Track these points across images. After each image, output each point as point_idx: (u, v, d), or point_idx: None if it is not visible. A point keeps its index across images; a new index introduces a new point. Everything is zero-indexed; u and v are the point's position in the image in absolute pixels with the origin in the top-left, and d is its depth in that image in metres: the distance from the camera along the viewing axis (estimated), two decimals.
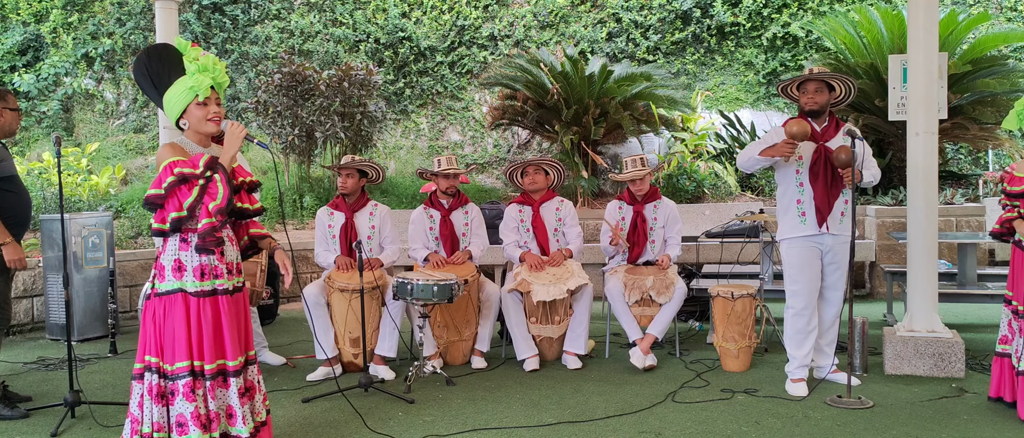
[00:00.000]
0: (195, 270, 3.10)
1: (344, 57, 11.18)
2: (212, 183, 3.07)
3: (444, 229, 5.32)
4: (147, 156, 10.52)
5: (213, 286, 3.13)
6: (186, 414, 3.06)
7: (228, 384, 3.16)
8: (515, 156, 10.75)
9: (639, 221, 5.34)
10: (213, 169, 3.08)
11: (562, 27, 11.51)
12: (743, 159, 4.54)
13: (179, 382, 3.07)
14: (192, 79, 3.11)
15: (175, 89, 3.12)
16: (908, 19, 4.86)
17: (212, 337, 3.12)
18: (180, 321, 3.08)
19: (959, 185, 9.43)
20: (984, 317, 6.59)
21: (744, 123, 10.08)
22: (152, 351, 3.11)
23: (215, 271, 3.14)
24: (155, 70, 3.13)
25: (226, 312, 3.15)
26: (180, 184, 3.04)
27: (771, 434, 3.75)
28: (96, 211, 7.33)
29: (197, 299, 3.10)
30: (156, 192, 3.04)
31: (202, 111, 3.14)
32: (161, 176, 3.05)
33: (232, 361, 3.15)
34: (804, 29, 10.81)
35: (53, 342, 6.19)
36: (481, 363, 5.15)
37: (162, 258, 3.12)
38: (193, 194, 3.02)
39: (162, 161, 3.07)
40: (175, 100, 3.13)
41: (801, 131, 4.23)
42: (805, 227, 4.41)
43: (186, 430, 3.06)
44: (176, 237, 3.10)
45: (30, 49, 11.28)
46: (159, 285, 3.12)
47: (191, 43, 3.19)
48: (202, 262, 3.11)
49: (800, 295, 4.44)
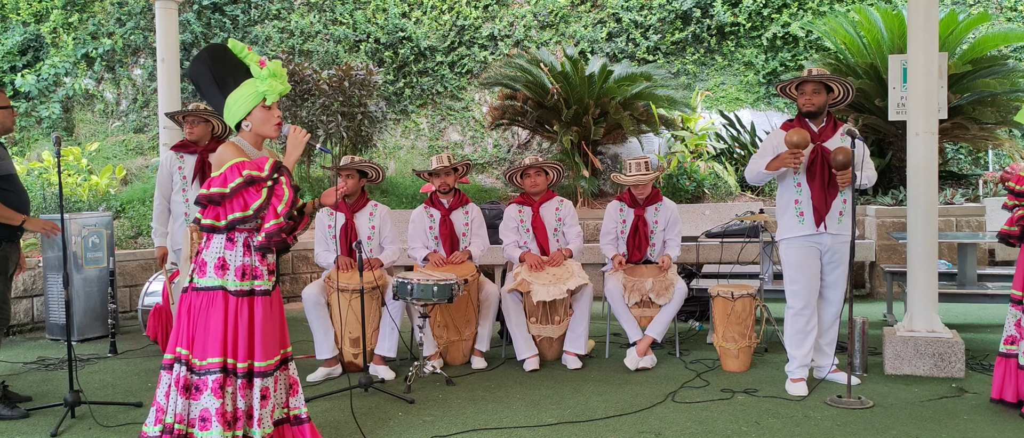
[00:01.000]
0: (237, 270, 3.17)
1: (344, 57, 11.18)
2: (278, 185, 3.16)
3: (444, 229, 5.32)
4: (147, 156, 10.51)
5: (251, 286, 3.21)
6: (211, 409, 3.11)
7: (253, 385, 3.21)
8: (515, 156, 10.75)
9: (640, 224, 5.33)
10: (279, 172, 3.18)
11: (562, 27, 11.50)
12: (751, 174, 4.54)
13: (209, 377, 3.11)
14: (264, 84, 3.19)
15: (242, 91, 3.19)
16: (908, 19, 4.86)
17: (246, 337, 3.18)
18: (217, 318, 3.14)
19: (959, 185, 9.43)
20: (984, 317, 6.59)
21: (744, 123, 10.07)
22: (184, 343, 3.17)
23: (255, 272, 3.22)
24: (219, 71, 3.20)
25: (262, 313, 3.22)
26: (247, 186, 3.12)
27: (771, 434, 3.75)
28: (96, 211, 7.33)
29: (236, 298, 3.17)
30: (220, 190, 3.11)
31: (267, 115, 3.24)
32: (226, 175, 3.11)
33: (261, 362, 3.21)
34: (804, 29, 10.81)
35: (53, 342, 6.19)
36: (481, 363, 5.15)
37: (204, 254, 3.19)
38: (262, 197, 3.11)
39: (225, 161, 3.14)
40: (241, 102, 3.20)
41: (801, 139, 4.25)
42: (803, 227, 4.42)
43: (208, 426, 3.10)
44: (222, 236, 3.17)
45: (30, 49, 11.28)
46: (199, 280, 3.18)
47: (247, 47, 3.26)
48: (244, 262, 3.19)
49: (799, 295, 4.45)
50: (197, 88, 3.31)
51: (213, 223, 3.16)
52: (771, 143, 4.53)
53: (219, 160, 3.18)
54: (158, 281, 6.06)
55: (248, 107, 3.21)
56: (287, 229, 3.17)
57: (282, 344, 3.35)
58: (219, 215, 3.15)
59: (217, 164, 3.18)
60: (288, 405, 3.39)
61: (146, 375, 5.08)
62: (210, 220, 3.16)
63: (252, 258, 3.21)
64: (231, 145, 3.22)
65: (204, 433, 3.10)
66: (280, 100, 3.32)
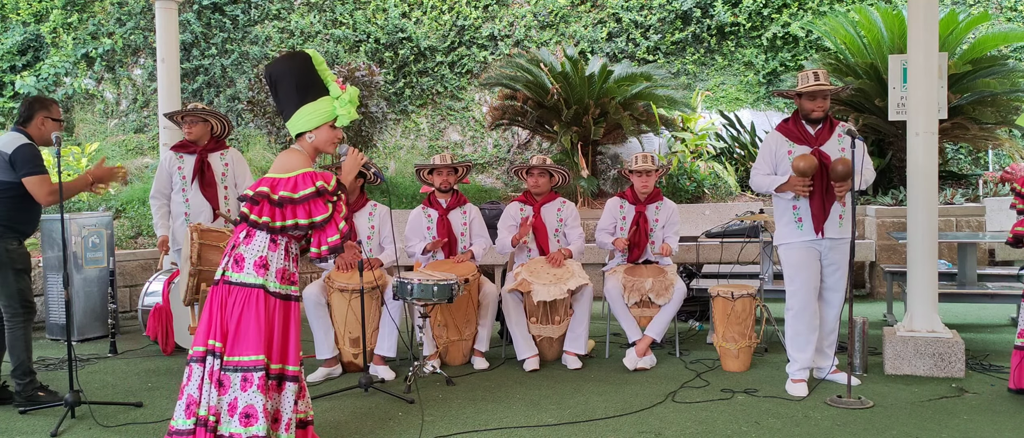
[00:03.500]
0: (278, 273, 3.24)
1: (344, 57, 11.18)
2: (341, 202, 3.29)
3: (441, 228, 5.32)
4: (147, 156, 10.51)
5: (288, 291, 3.28)
6: (257, 406, 3.12)
7: (284, 387, 3.26)
8: (515, 156, 10.75)
9: (641, 221, 5.33)
10: (343, 190, 3.32)
11: (562, 27, 11.50)
12: (758, 188, 4.55)
13: (255, 374, 3.14)
14: (343, 107, 3.29)
15: (319, 106, 3.27)
16: (908, 19, 4.86)
17: (280, 339, 3.24)
18: (256, 317, 3.17)
19: (959, 185, 9.43)
20: (984, 317, 6.59)
21: (744, 123, 10.07)
22: (217, 336, 3.17)
23: (292, 278, 3.30)
24: (302, 78, 3.28)
25: (296, 318, 3.32)
26: (317, 197, 3.18)
27: (771, 434, 3.75)
28: (96, 211, 7.33)
29: (275, 300, 3.23)
30: (289, 195, 3.16)
31: (332, 135, 3.33)
32: (297, 182, 3.18)
33: (292, 366, 3.28)
34: (804, 29, 10.80)
35: (53, 342, 6.19)
36: (482, 364, 5.15)
37: (242, 249, 3.21)
38: (328, 211, 3.20)
39: (294, 167, 3.22)
40: (314, 116, 3.27)
41: (809, 166, 4.25)
42: (802, 233, 4.42)
43: (255, 421, 3.12)
44: (265, 236, 3.22)
45: (30, 49, 11.27)
46: (235, 275, 3.20)
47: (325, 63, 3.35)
48: (284, 266, 3.26)
49: (798, 295, 4.44)
50: (272, 86, 3.38)
51: (263, 221, 3.18)
52: (768, 149, 4.51)
53: (288, 165, 3.25)
54: (158, 281, 6.05)
55: (318, 122, 3.29)
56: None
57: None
58: (276, 215, 3.19)
59: (283, 168, 3.25)
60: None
61: (146, 375, 5.08)
62: (265, 218, 3.18)
63: (291, 263, 3.30)
64: (298, 153, 3.30)
65: (247, 429, 3.10)
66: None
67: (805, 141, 4.40)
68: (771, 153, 4.48)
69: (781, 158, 4.44)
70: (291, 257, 3.30)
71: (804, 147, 4.38)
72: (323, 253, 3.23)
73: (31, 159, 4.17)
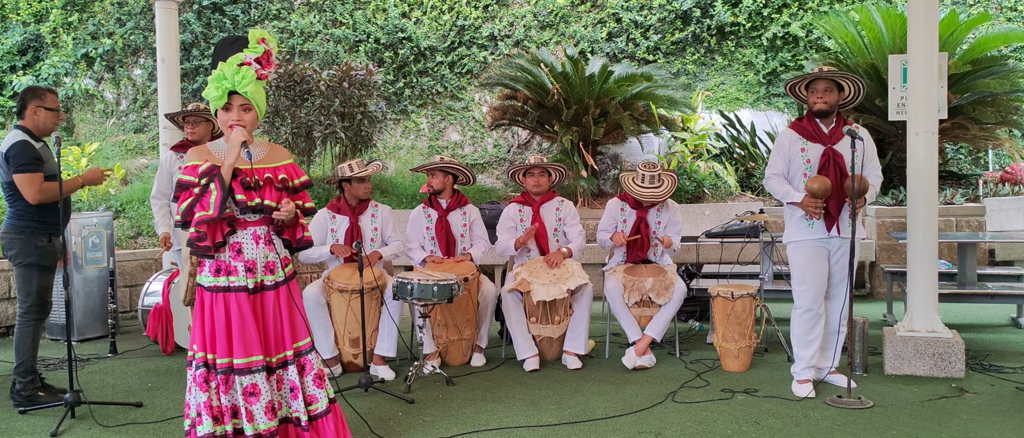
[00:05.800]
0: (211, 266, 3.19)
1: (344, 57, 11.17)
2: (206, 193, 3.10)
3: (440, 229, 5.32)
4: (147, 156, 10.51)
5: (227, 283, 3.18)
6: (200, 404, 3.13)
7: (232, 382, 3.17)
8: (515, 156, 10.75)
9: (642, 226, 5.32)
10: (210, 177, 3.11)
11: (562, 27, 11.50)
12: (774, 190, 4.53)
13: (194, 371, 3.15)
14: (211, 85, 3.18)
15: (207, 90, 3.22)
16: (908, 19, 4.86)
17: (225, 333, 3.15)
18: (198, 313, 3.20)
19: (959, 185, 9.43)
20: (984, 317, 6.59)
21: (744, 123, 10.07)
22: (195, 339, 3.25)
23: (229, 269, 3.19)
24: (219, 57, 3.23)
25: (239, 310, 3.16)
26: (181, 191, 3.14)
27: (771, 434, 3.74)
28: (96, 211, 7.33)
29: (210, 294, 3.18)
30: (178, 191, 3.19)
31: (224, 116, 3.22)
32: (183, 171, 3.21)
33: (240, 359, 3.14)
34: (804, 29, 10.80)
35: (53, 342, 6.19)
36: (481, 360, 5.15)
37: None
38: (185, 203, 3.13)
39: (188, 161, 3.21)
40: (210, 100, 3.22)
41: (822, 188, 4.24)
42: (813, 231, 4.40)
43: (200, 420, 3.13)
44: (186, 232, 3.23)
45: (30, 49, 11.27)
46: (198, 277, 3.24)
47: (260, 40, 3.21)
48: (218, 259, 3.19)
49: (806, 294, 4.42)
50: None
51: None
52: (782, 147, 4.48)
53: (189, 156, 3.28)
54: (158, 281, 6.06)
55: (214, 108, 3.23)
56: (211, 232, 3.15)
57: (279, 344, 3.27)
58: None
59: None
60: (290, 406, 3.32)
61: (146, 375, 5.08)
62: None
63: (222, 255, 3.19)
64: (196, 147, 3.29)
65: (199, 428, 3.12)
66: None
67: (818, 139, 4.38)
68: (785, 151, 4.47)
69: (794, 155, 4.43)
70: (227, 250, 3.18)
71: (818, 145, 4.36)
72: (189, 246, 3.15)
73: (20, 156, 4.18)
